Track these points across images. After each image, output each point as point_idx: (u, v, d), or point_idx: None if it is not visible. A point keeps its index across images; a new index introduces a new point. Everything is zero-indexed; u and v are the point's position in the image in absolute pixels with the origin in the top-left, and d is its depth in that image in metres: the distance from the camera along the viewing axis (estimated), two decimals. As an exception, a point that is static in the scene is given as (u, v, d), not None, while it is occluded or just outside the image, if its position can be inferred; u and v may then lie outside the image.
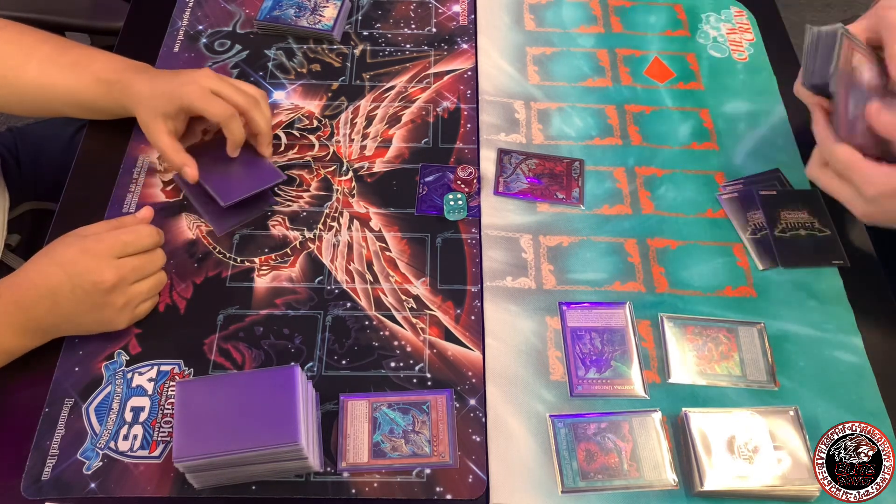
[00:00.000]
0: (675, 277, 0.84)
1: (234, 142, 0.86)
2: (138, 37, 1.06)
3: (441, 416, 0.75)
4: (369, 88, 1.00)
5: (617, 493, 0.71)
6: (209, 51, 1.04)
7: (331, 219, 0.89)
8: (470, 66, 1.03)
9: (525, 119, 0.97)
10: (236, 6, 1.09)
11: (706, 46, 1.06)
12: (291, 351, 0.79)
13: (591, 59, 1.04)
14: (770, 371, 0.78)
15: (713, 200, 0.90)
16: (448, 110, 0.99)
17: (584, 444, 0.73)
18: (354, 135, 0.96)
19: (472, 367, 0.78)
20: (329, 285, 0.83)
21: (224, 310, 0.81)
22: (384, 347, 0.79)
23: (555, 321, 0.81)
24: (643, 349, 0.79)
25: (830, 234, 0.86)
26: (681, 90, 1.01)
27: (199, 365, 0.78)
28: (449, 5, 1.10)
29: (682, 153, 0.95)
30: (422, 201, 0.90)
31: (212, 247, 0.86)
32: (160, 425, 0.74)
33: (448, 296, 0.83)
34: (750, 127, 0.97)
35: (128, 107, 0.87)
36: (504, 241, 0.86)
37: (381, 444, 0.73)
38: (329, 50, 1.05)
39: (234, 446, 0.66)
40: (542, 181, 0.91)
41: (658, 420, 0.75)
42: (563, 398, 0.76)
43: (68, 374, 0.76)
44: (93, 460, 0.72)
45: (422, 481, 0.71)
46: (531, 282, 0.84)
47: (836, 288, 0.84)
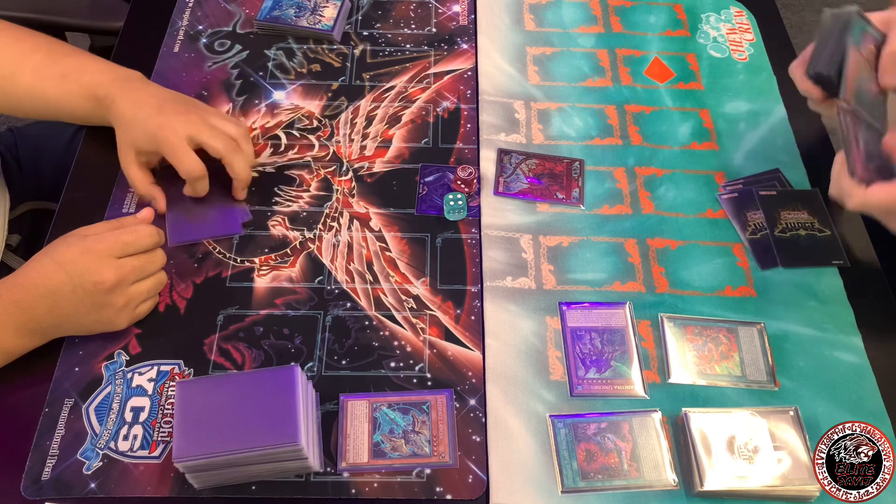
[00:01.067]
0: (675, 277, 0.84)
1: (195, 192, 0.86)
2: (138, 37, 1.06)
3: (441, 416, 0.75)
4: (369, 88, 1.00)
5: (617, 494, 0.71)
6: (209, 51, 1.04)
7: (331, 219, 0.89)
8: (470, 66, 1.03)
9: (525, 119, 0.97)
10: (236, 6, 1.09)
11: (706, 46, 1.06)
12: (291, 351, 0.79)
13: (591, 59, 1.04)
14: (770, 371, 0.78)
15: (713, 200, 0.90)
16: (448, 110, 0.99)
17: (584, 444, 0.73)
18: (354, 135, 0.96)
19: (472, 367, 0.78)
20: (329, 285, 0.83)
21: (224, 310, 0.81)
22: (384, 347, 0.79)
23: (555, 321, 0.81)
24: (643, 349, 0.79)
25: (830, 234, 0.86)
26: (681, 90, 1.01)
27: (199, 365, 0.78)
28: (449, 5, 1.10)
29: (682, 153, 0.95)
30: (422, 201, 0.90)
31: (212, 247, 0.86)
32: (160, 425, 0.74)
33: (448, 296, 0.83)
34: (750, 127, 0.97)
35: (112, 124, 0.87)
36: (504, 241, 0.86)
37: (381, 444, 0.73)
38: (329, 50, 1.05)
39: (234, 446, 0.66)
40: (542, 181, 0.91)
41: (658, 420, 0.75)
42: (563, 398, 0.76)
43: (68, 374, 0.76)
44: (93, 460, 0.72)
45: (422, 481, 0.71)
46: (531, 282, 0.84)
47: (836, 288, 0.84)
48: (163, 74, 1.01)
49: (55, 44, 0.91)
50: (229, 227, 0.87)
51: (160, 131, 0.82)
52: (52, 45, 0.90)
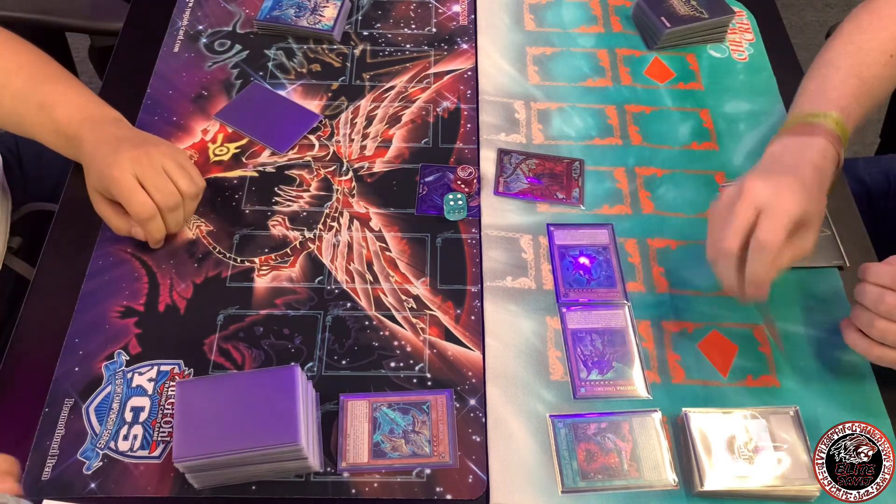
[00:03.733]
0: (675, 277, 0.84)
1: (152, 240, 0.83)
2: (138, 37, 1.06)
3: (441, 416, 0.75)
4: (369, 88, 1.01)
5: (617, 493, 0.71)
6: (209, 51, 1.04)
7: (331, 219, 0.89)
8: (470, 66, 1.03)
9: (525, 119, 0.97)
10: (236, 6, 1.09)
11: (706, 46, 1.06)
12: (291, 351, 0.79)
13: (591, 59, 1.04)
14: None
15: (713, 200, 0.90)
16: (448, 110, 0.99)
17: (584, 444, 0.73)
18: (354, 135, 0.96)
19: (472, 367, 0.78)
20: (329, 285, 0.83)
21: (224, 310, 0.81)
22: (384, 347, 0.79)
23: (555, 321, 0.81)
24: (644, 349, 0.79)
25: (830, 234, 0.86)
26: (681, 90, 1.01)
27: (199, 365, 0.78)
28: (449, 5, 1.10)
29: (682, 153, 0.95)
30: (422, 201, 0.90)
31: (212, 247, 0.86)
32: (160, 425, 0.74)
33: (448, 296, 0.83)
34: (750, 127, 0.97)
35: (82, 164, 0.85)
36: (504, 241, 0.86)
37: (381, 444, 0.73)
38: (329, 50, 1.05)
39: (234, 446, 0.66)
40: (542, 181, 0.91)
41: (658, 420, 0.75)
42: (564, 398, 0.76)
43: (68, 374, 0.76)
44: (93, 460, 0.72)
45: (422, 481, 0.71)
46: (531, 282, 0.84)
47: (836, 288, 0.84)
48: (163, 74, 1.01)
49: (38, 64, 0.88)
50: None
51: (108, 169, 0.79)
52: (34, 66, 0.87)
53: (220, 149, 0.94)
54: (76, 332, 0.79)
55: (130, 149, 0.80)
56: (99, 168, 0.80)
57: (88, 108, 0.86)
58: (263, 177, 0.92)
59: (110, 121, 0.86)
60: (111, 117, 0.87)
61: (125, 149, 0.80)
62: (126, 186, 0.79)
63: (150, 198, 0.79)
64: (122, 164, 0.79)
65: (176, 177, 0.81)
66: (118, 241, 0.85)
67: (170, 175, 0.81)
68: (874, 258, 0.86)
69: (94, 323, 0.80)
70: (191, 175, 0.83)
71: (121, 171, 0.79)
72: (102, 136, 0.83)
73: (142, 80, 1.00)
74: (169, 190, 0.80)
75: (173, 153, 0.83)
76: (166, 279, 0.83)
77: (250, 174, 0.92)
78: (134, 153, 0.80)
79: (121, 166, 0.79)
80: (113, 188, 0.79)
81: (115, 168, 0.79)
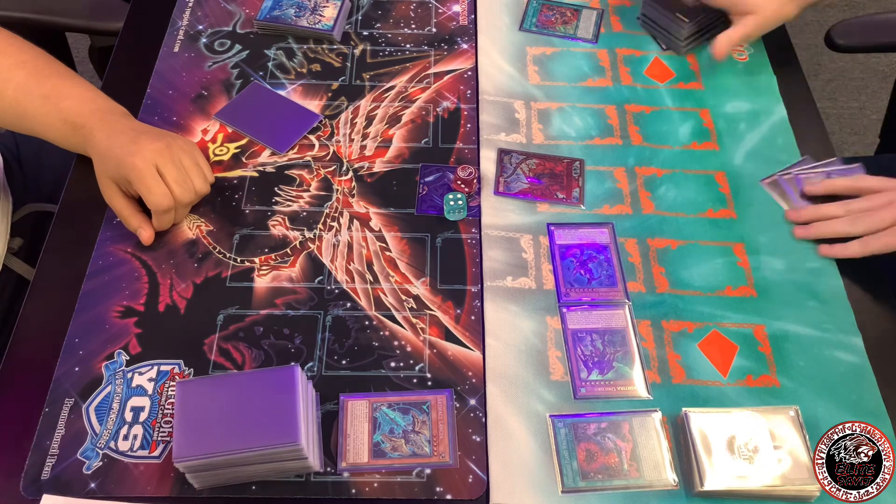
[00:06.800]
0: (676, 277, 0.84)
1: (159, 226, 0.84)
2: (138, 37, 1.06)
3: (441, 416, 0.75)
4: (369, 88, 1.00)
5: (617, 493, 0.71)
6: (209, 50, 1.04)
7: (331, 219, 0.89)
8: (470, 66, 1.03)
9: (525, 119, 0.97)
10: (236, 6, 1.09)
11: (706, 46, 1.06)
12: (291, 351, 0.79)
13: (591, 59, 1.04)
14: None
15: (713, 200, 0.90)
16: (448, 110, 0.99)
17: (585, 444, 0.73)
18: (354, 135, 0.96)
19: (472, 367, 0.78)
20: (329, 285, 0.83)
21: (224, 310, 0.81)
22: (384, 347, 0.79)
23: (555, 321, 0.81)
24: (644, 349, 0.79)
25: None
26: (681, 90, 1.01)
27: (199, 365, 0.78)
28: (449, 5, 1.10)
29: (682, 153, 0.95)
30: (422, 201, 0.90)
31: (212, 247, 0.86)
32: (160, 425, 0.74)
33: (448, 296, 0.83)
34: (750, 127, 0.97)
35: (90, 155, 0.85)
36: (504, 241, 0.86)
37: (381, 444, 0.73)
38: (329, 50, 1.05)
39: (234, 446, 0.66)
40: (543, 181, 0.91)
41: (658, 420, 0.75)
42: (564, 398, 0.76)
43: (68, 374, 0.76)
44: (93, 460, 0.72)
45: (422, 481, 0.71)
46: (531, 282, 0.84)
47: (836, 288, 0.84)
48: (163, 74, 1.01)
49: (42, 61, 0.89)
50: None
51: (129, 157, 0.80)
52: (38, 62, 0.88)
53: (220, 149, 0.94)
54: (76, 332, 0.79)
55: (152, 140, 0.83)
56: (118, 156, 0.81)
57: (97, 101, 0.87)
58: (263, 177, 0.92)
59: (120, 114, 0.87)
60: (120, 111, 0.88)
61: (146, 140, 0.82)
62: (148, 175, 0.81)
63: (171, 190, 0.82)
64: (145, 154, 0.81)
65: (193, 174, 0.84)
66: (118, 241, 0.85)
67: (187, 171, 0.84)
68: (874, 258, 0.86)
69: (94, 323, 0.80)
70: (205, 174, 0.86)
71: (143, 160, 0.80)
72: (117, 126, 0.84)
73: (142, 80, 1.00)
74: (188, 185, 0.83)
75: (191, 149, 0.86)
76: (166, 279, 0.83)
77: (250, 174, 0.92)
78: (156, 145, 0.82)
79: (143, 156, 0.81)
80: (133, 176, 0.81)
81: (137, 157, 0.80)
